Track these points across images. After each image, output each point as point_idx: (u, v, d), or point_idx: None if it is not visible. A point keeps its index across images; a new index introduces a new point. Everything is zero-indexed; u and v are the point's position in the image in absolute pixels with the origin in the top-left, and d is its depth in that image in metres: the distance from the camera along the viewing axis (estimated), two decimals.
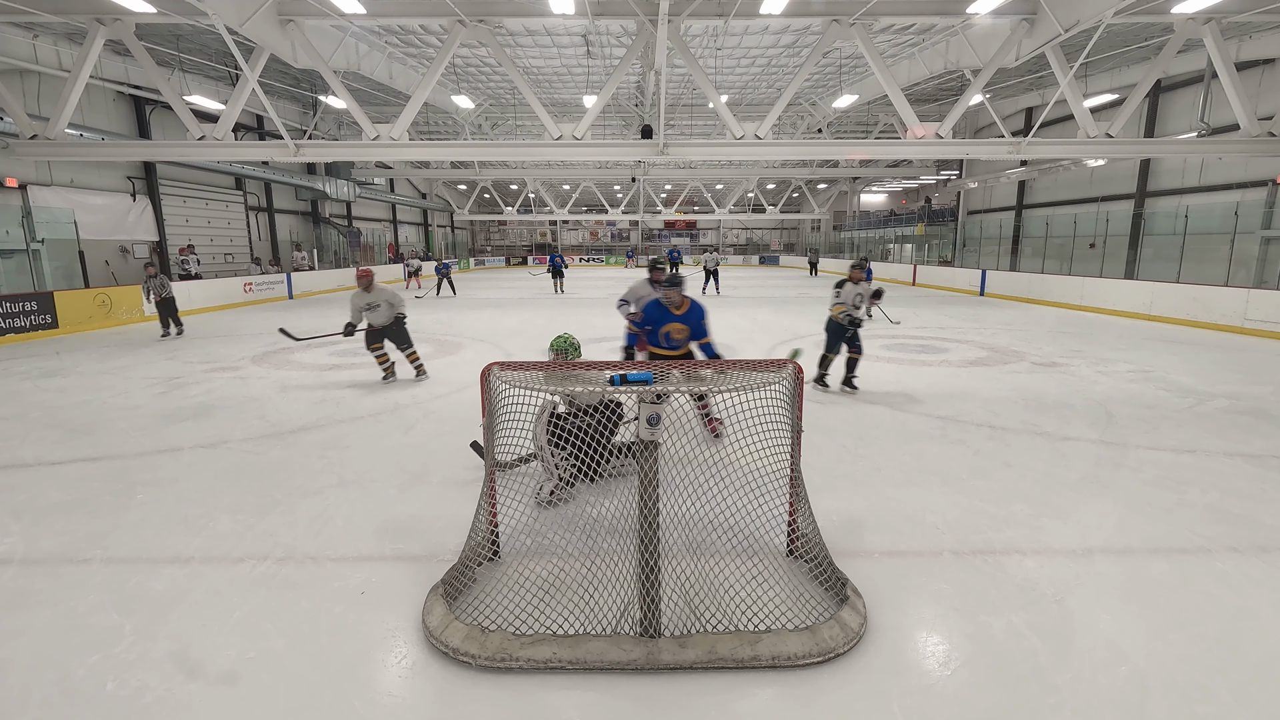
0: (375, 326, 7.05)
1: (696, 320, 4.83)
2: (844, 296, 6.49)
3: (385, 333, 7.09)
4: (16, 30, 11.85)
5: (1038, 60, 14.14)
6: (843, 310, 6.48)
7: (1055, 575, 3.00)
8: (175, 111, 10.44)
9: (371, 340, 7.09)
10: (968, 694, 2.25)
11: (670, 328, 4.84)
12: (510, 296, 19.40)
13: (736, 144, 11.26)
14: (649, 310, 4.94)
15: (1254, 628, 2.62)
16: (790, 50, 15.49)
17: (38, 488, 4.22)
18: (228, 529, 3.56)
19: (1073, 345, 9.67)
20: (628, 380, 2.61)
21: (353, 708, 2.20)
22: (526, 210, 36.51)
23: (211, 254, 18.68)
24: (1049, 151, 11.73)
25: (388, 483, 4.23)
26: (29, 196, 13.17)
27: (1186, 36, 10.10)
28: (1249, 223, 13.13)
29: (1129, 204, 16.52)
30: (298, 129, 20.47)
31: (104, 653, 2.49)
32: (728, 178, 33.01)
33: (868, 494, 4.01)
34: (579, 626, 2.58)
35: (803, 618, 2.61)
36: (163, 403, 6.43)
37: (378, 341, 7.11)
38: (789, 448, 2.94)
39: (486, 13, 9.93)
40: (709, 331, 4.87)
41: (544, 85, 18.46)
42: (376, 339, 7.11)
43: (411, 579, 3.00)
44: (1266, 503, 3.84)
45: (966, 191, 23.80)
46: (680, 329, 4.84)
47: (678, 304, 4.81)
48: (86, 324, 11.81)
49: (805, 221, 41.49)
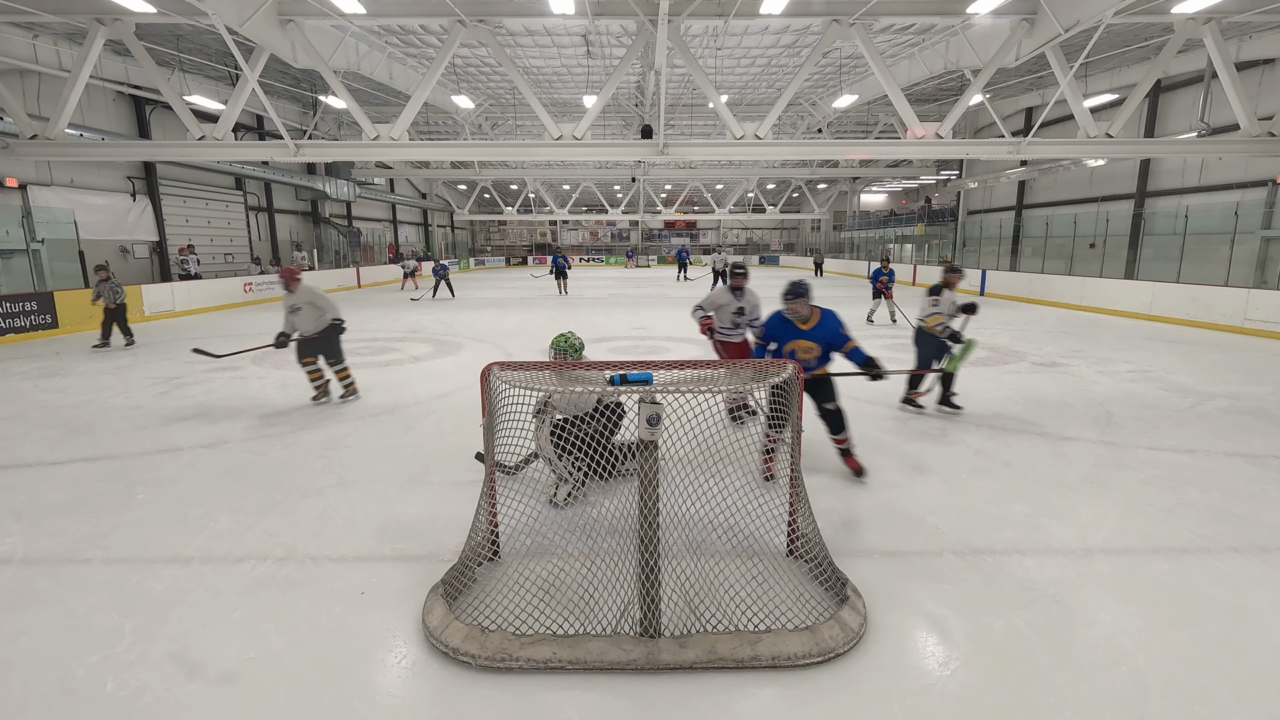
0: (305, 336, 6.19)
1: (831, 333, 4.03)
2: (943, 305, 5.64)
3: (318, 345, 6.23)
4: (16, 30, 11.85)
5: (1038, 60, 14.13)
6: (940, 321, 5.62)
7: (1055, 575, 3.00)
8: (175, 111, 10.44)
9: (303, 353, 6.22)
10: (968, 694, 2.25)
11: (797, 346, 4.06)
12: (511, 297, 19.39)
13: (736, 144, 11.26)
14: (770, 327, 4.16)
15: (1254, 628, 2.62)
16: (790, 50, 15.49)
17: (38, 488, 4.22)
18: (228, 529, 3.56)
19: (1073, 345, 9.67)
20: (628, 380, 2.61)
21: (353, 708, 2.20)
22: (526, 210, 36.50)
23: (211, 254, 18.67)
24: (1049, 151, 11.72)
25: (388, 483, 4.23)
26: (29, 196, 13.17)
27: (1186, 36, 10.09)
28: (1249, 223, 13.12)
29: (1129, 204, 16.51)
30: (298, 129, 20.47)
31: (104, 653, 2.49)
32: (728, 178, 33.01)
33: (868, 494, 4.01)
34: (579, 626, 2.58)
35: (803, 618, 2.61)
36: (163, 403, 6.43)
37: (310, 355, 6.23)
38: (789, 448, 2.94)
39: (486, 13, 9.92)
40: (850, 336, 4.03)
41: (544, 85, 18.46)
42: (309, 351, 6.23)
43: (411, 579, 3.00)
44: (1266, 503, 3.84)
45: (966, 191, 23.79)
46: (808, 347, 4.05)
47: (805, 317, 4.01)
48: (86, 324, 11.79)
49: (805, 221, 41.49)
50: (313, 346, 6.22)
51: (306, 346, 6.22)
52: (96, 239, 14.74)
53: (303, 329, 6.18)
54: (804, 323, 4.03)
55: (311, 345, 6.21)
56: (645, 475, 2.49)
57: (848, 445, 4.21)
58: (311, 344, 6.21)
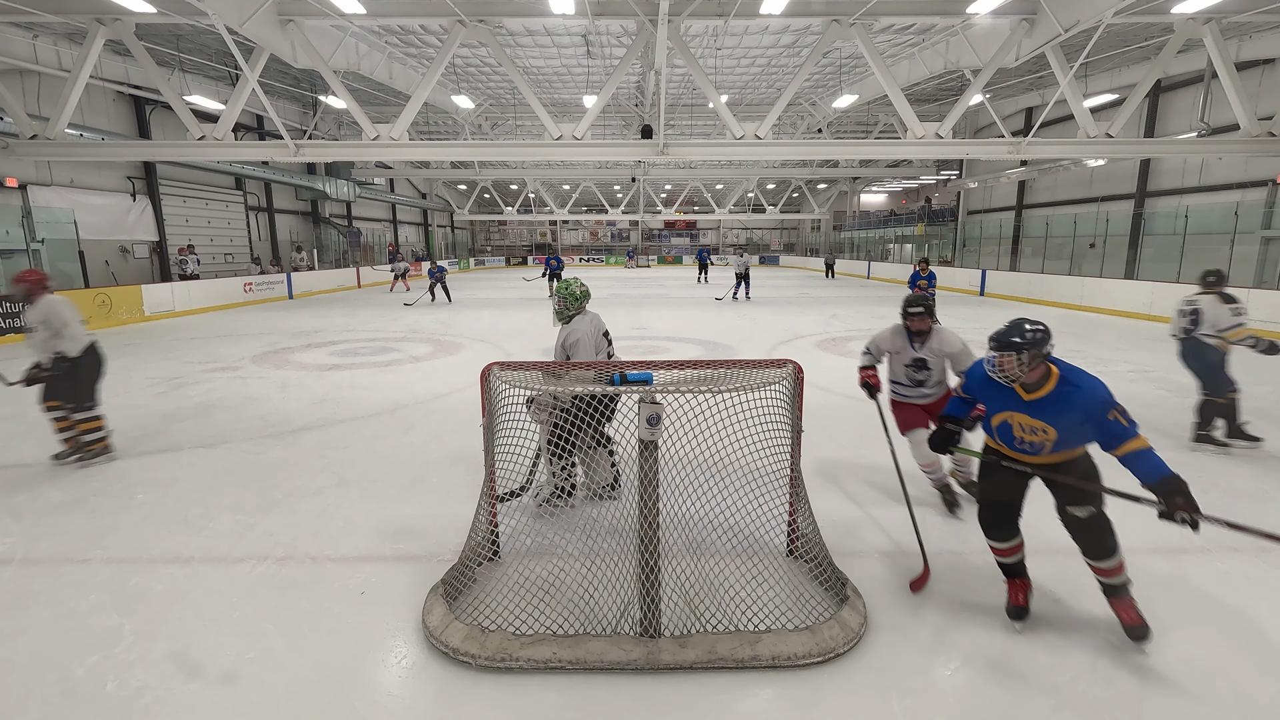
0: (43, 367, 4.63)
1: (1080, 415, 2.39)
2: (1243, 317, 4.68)
3: (62, 384, 4.66)
4: (16, 30, 11.84)
5: (1038, 60, 14.12)
6: (1245, 335, 4.63)
7: (1055, 575, 3.00)
8: (175, 111, 10.44)
9: (47, 394, 4.70)
10: (967, 694, 2.25)
11: (1012, 420, 2.57)
12: (511, 297, 19.38)
13: (736, 144, 11.26)
14: (974, 379, 2.72)
15: (1254, 628, 2.62)
16: (790, 50, 15.49)
17: (38, 488, 4.22)
18: (228, 529, 3.56)
19: (1073, 345, 9.67)
20: (628, 380, 2.61)
21: (353, 708, 2.20)
22: (526, 210, 36.49)
23: (211, 254, 18.66)
24: (1049, 151, 11.73)
25: (388, 483, 4.24)
26: (29, 196, 13.16)
27: (1186, 36, 10.09)
28: (1249, 223, 13.12)
29: (1129, 204, 16.51)
30: (298, 129, 20.46)
31: (104, 653, 2.49)
32: (728, 178, 33.00)
33: (868, 494, 4.01)
34: (579, 626, 2.58)
35: (803, 618, 2.61)
36: (163, 403, 6.43)
37: (54, 397, 4.70)
38: (789, 448, 2.94)
39: (486, 13, 9.93)
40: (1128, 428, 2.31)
41: (544, 85, 18.46)
42: (53, 393, 4.68)
43: (411, 579, 3.00)
44: (1266, 502, 3.84)
45: (966, 191, 23.79)
46: (1035, 428, 2.51)
47: (1030, 383, 2.47)
48: (86, 324, 11.77)
49: (805, 221, 41.49)
50: (57, 387, 4.68)
51: (52, 386, 4.67)
52: (96, 239, 14.73)
53: (40, 356, 4.69)
54: (1030, 390, 2.49)
55: (56, 384, 4.67)
56: (645, 475, 2.49)
57: (1116, 579, 2.55)
58: (56, 382, 4.67)
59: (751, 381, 2.76)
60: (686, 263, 43.01)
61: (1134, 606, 2.54)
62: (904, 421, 3.86)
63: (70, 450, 4.75)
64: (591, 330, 3.78)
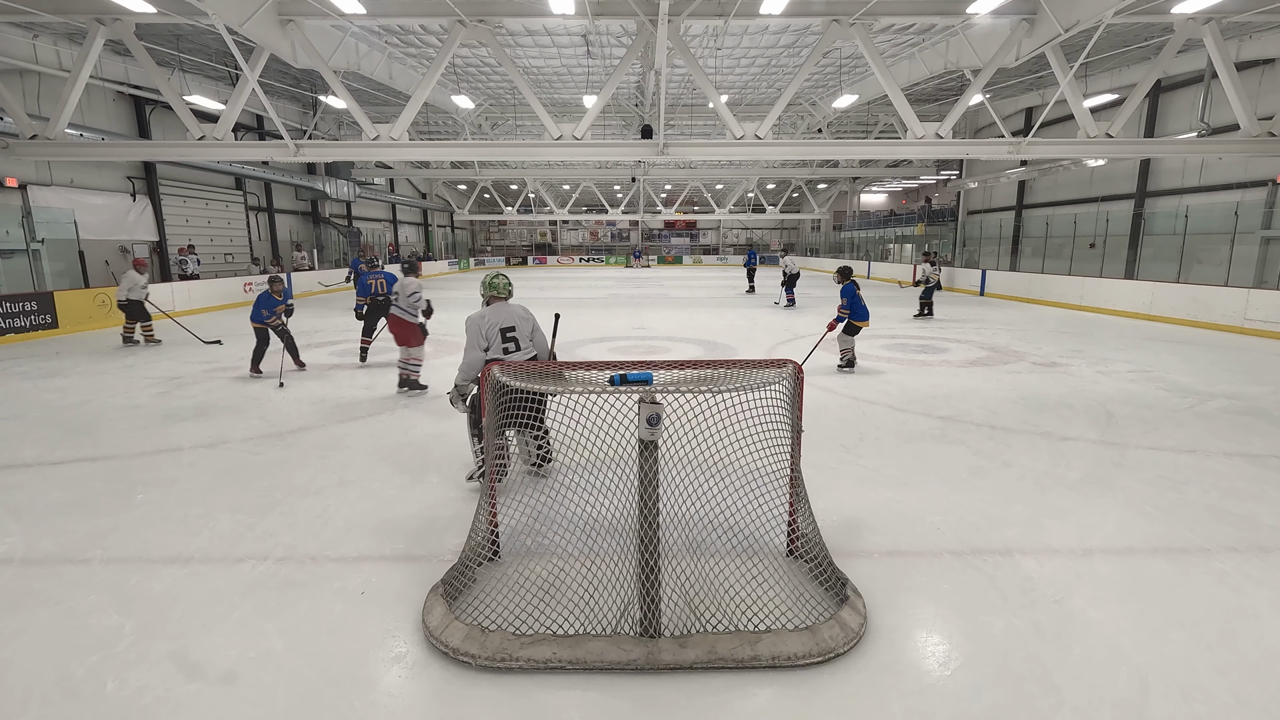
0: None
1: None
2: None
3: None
4: (16, 30, 11.84)
5: (1038, 60, 14.12)
6: None
7: (1055, 575, 3.00)
8: (175, 111, 10.44)
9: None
10: (968, 694, 2.25)
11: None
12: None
13: (736, 144, 11.26)
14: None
15: (1254, 628, 2.62)
16: (790, 50, 15.48)
17: (38, 488, 4.22)
18: (228, 529, 3.56)
19: (1073, 345, 9.67)
20: (628, 380, 2.60)
21: (353, 708, 2.20)
22: (526, 210, 36.47)
23: (211, 254, 18.66)
24: (1049, 151, 11.73)
25: (388, 483, 4.23)
26: (29, 196, 13.16)
27: (1186, 36, 10.09)
28: (1249, 223, 13.12)
29: (1129, 204, 16.51)
30: (298, 129, 20.46)
31: (104, 653, 2.49)
32: (728, 178, 33.00)
33: (868, 494, 4.01)
34: (579, 626, 2.57)
35: (803, 618, 2.61)
36: (163, 403, 6.43)
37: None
38: (789, 448, 2.94)
39: (486, 13, 9.92)
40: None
41: (544, 85, 18.45)
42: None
43: (411, 579, 3.00)
44: (1266, 503, 3.84)
45: (966, 191, 23.79)
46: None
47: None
48: (86, 324, 11.79)
49: (805, 221, 41.48)
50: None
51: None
52: (96, 239, 14.73)
53: None
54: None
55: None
56: (645, 475, 2.49)
57: None
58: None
59: (751, 381, 2.76)
60: (687, 263, 43.03)
61: None
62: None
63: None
64: (489, 323, 4.00)
